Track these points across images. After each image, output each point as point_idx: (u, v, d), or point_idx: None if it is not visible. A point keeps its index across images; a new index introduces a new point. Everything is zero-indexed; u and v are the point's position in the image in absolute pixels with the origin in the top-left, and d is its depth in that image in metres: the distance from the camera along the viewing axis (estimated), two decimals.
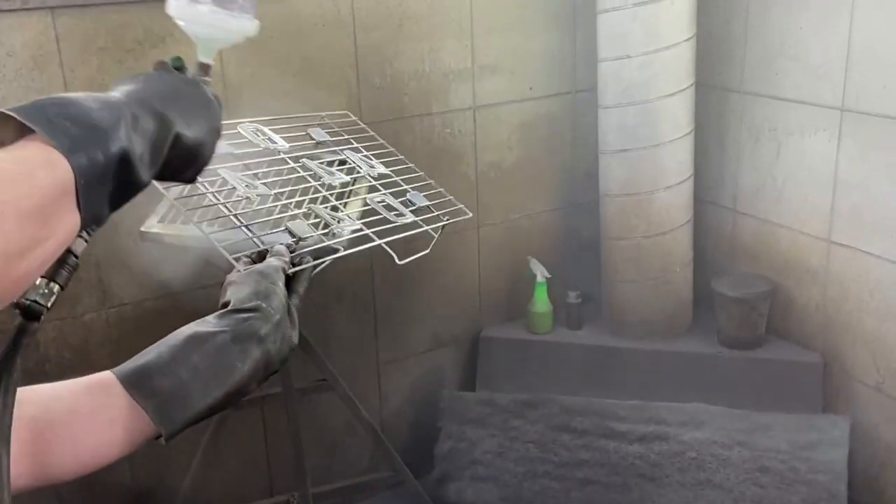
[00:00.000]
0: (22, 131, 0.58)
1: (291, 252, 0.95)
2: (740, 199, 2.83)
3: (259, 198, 1.18)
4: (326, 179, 1.30)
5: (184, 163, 0.73)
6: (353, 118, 1.41)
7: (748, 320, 2.68)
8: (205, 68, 0.85)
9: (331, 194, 1.27)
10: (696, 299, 2.86)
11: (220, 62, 2.27)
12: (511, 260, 2.92)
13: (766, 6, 2.60)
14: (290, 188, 1.25)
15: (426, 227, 1.21)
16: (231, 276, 0.86)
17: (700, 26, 2.61)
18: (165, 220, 1.85)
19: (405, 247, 1.17)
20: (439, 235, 1.20)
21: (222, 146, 0.93)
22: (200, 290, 2.22)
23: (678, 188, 2.68)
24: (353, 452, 2.79)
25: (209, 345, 0.77)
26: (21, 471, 0.71)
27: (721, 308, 2.71)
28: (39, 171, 0.56)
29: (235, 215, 1.11)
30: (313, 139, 1.42)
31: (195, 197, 1.20)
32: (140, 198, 1.46)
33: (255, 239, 1.03)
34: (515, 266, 2.91)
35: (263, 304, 0.81)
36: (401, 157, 1.41)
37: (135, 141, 0.64)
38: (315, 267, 0.97)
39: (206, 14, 0.86)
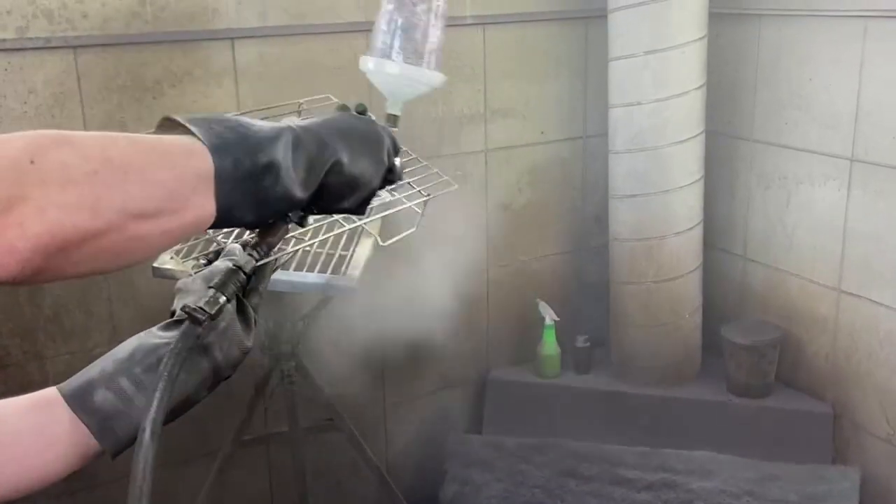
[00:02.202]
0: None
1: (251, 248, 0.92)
2: (750, 246, 2.84)
3: None
4: None
5: (342, 190, 0.75)
6: (336, 101, 1.37)
7: (757, 368, 2.66)
8: (392, 119, 0.91)
9: None
10: (704, 346, 2.85)
11: (237, 104, 2.31)
12: (519, 302, 2.92)
13: (776, 57, 2.63)
14: None
15: (410, 204, 1.16)
16: (179, 283, 0.85)
17: (710, 75, 2.64)
18: (178, 255, 1.87)
19: (394, 232, 1.14)
20: (424, 212, 1.15)
21: None
22: None
23: (688, 234, 2.69)
24: (358, 493, 2.77)
25: (153, 357, 0.77)
26: None
27: (730, 355, 2.70)
28: (178, 151, 0.62)
29: None
30: None
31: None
32: None
33: (216, 238, 1.02)
34: (524, 309, 2.91)
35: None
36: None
37: (291, 158, 0.69)
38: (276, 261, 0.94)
39: (396, 70, 0.93)
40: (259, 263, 0.90)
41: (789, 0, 2.54)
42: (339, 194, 0.75)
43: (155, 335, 0.79)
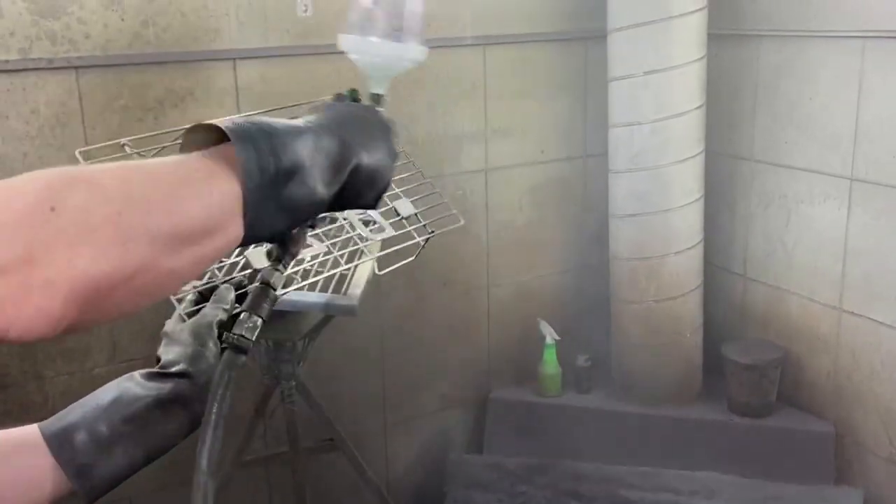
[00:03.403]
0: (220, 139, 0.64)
1: (243, 288, 0.91)
2: (750, 265, 2.84)
3: None
4: None
5: (364, 186, 0.73)
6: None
7: (759, 387, 2.65)
8: (377, 99, 0.87)
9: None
10: (705, 365, 2.84)
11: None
12: (520, 321, 2.92)
13: (775, 77, 2.64)
14: None
15: (419, 239, 1.14)
16: (167, 325, 0.86)
17: (710, 95, 2.65)
18: None
19: (394, 259, 1.13)
20: (424, 244, 1.14)
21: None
22: None
23: (688, 253, 2.69)
24: None
25: (133, 409, 0.78)
26: None
27: (731, 374, 2.69)
28: (199, 177, 0.60)
29: None
30: None
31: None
32: None
33: (215, 270, 1.01)
34: (525, 327, 2.91)
35: (190, 369, 0.81)
36: (407, 160, 1.35)
37: (314, 158, 0.66)
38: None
39: (377, 46, 0.86)
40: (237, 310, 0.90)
41: (788, 21, 2.56)
42: (360, 191, 0.73)
43: (139, 384, 0.80)
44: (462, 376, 2.88)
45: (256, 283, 0.76)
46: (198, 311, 0.87)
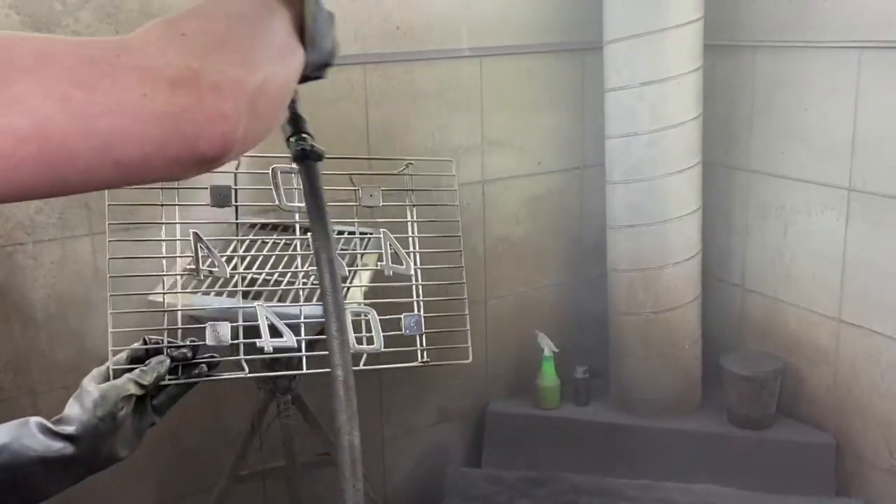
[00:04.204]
0: None
1: (187, 360, 0.97)
2: (748, 276, 2.83)
3: (212, 273, 1.14)
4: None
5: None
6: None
7: (758, 399, 2.64)
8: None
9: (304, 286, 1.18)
10: (704, 377, 2.83)
11: None
12: (518, 333, 2.90)
13: (771, 87, 2.64)
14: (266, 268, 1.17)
15: (416, 363, 1.15)
16: (89, 377, 0.91)
17: (706, 106, 2.65)
18: (174, 289, 1.85)
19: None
20: (409, 366, 1.15)
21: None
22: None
23: (686, 264, 2.68)
24: None
25: (18, 460, 0.82)
26: None
27: (730, 386, 2.68)
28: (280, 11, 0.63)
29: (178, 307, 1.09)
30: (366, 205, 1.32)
31: (204, 267, 1.20)
32: (150, 267, 1.45)
33: (167, 341, 1.05)
34: (523, 340, 2.90)
35: (85, 438, 0.85)
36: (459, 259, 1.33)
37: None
38: (192, 381, 1.01)
39: None
40: (168, 382, 0.95)
41: (784, 32, 2.56)
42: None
43: (31, 435, 0.84)
44: (460, 389, 2.86)
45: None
46: (128, 369, 0.91)
